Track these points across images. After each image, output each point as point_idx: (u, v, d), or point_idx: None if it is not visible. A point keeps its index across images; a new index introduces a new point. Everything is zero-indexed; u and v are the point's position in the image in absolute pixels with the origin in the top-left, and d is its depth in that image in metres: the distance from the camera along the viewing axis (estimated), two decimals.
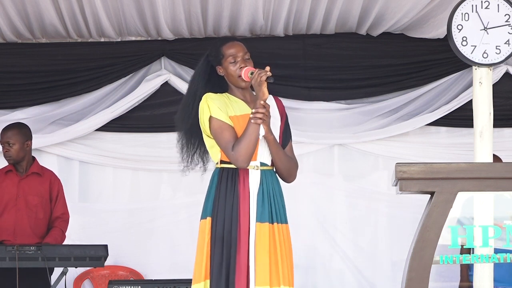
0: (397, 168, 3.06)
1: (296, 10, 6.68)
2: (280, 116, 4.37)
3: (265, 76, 4.15)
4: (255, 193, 4.19)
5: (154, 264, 7.06)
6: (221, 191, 4.23)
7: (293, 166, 4.33)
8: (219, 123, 4.22)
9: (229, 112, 4.24)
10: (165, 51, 7.17)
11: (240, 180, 4.21)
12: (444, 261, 3.06)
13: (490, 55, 5.27)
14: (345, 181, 7.28)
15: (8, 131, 6.21)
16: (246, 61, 4.31)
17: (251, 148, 4.16)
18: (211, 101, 4.23)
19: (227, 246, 4.15)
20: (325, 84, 7.16)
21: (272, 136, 4.22)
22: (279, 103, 4.42)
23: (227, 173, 4.25)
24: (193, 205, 7.15)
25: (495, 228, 3.10)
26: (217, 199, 4.23)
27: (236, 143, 4.17)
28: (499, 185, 3.04)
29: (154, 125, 7.18)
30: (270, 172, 4.26)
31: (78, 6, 6.50)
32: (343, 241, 7.14)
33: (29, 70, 7.13)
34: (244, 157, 4.16)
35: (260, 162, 4.24)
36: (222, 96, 4.30)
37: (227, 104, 4.26)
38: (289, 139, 4.38)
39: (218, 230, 4.17)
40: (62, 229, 6.23)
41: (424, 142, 7.21)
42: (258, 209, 4.17)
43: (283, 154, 4.27)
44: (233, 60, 4.30)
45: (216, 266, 4.14)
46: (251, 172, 4.22)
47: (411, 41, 7.15)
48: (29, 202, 6.17)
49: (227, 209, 4.19)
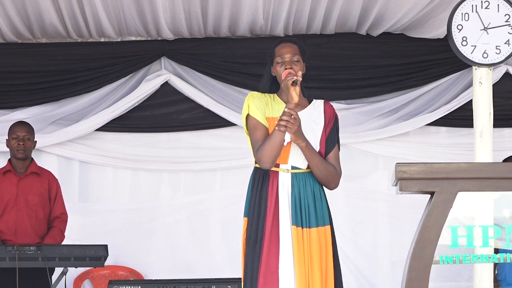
0: (397, 168, 3.06)
1: (296, 10, 6.68)
2: (327, 121, 4.33)
3: (291, 80, 4.14)
4: (285, 196, 4.18)
5: (154, 264, 7.06)
6: (254, 192, 4.25)
7: (332, 173, 4.27)
8: (254, 122, 4.24)
9: (267, 112, 4.25)
10: (165, 51, 7.17)
11: (270, 182, 4.22)
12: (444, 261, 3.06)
13: (490, 55, 5.27)
14: (345, 181, 7.23)
15: (25, 126, 6.28)
16: (294, 63, 4.30)
17: (274, 152, 4.14)
18: (251, 100, 4.27)
19: (253, 247, 4.17)
20: (325, 84, 7.15)
21: (304, 143, 4.17)
22: (329, 109, 4.38)
23: (259, 174, 4.26)
24: (193, 205, 7.18)
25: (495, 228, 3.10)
26: (252, 199, 4.24)
27: (261, 145, 4.17)
28: (499, 185, 3.04)
29: (154, 125, 7.18)
30: (305, 175, 4.23)
31: (78, 6, 6.50)
32: (343, 241, 7.12)
33: (29, 70, 7.13)
34: (267, 159, 4.15)
35: (291, 166, 4.22)
36: (268, 96, 4.32)
37: (268, 104, 4.27)
38: (334, 146, 4.32)
39: (249, 231, 4.21)
40: (61, 229, 6.24)
41: (424, 142, 7.21)
42: (292, 213, 4.15)
43: (319, 161, 4.22)
44: (281, 61, 4.30)
45: (247, 266, 4.18)
46: (281, 175, 4.21)
47: (411, 41, 7.15)
48: (29, 201, 6.18)
49: (256, 210, 4.21)
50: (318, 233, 4.19)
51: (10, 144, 6.25)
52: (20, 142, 6.19)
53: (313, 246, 4.16)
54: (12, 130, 6.26)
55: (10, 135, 6.25)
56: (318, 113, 4.32)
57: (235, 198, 6.80)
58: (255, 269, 4.14)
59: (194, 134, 7.21)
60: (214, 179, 7.20)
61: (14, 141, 6.21)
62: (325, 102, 4.40)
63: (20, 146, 6.18)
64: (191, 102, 7.16)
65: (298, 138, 4.16)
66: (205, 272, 6.66)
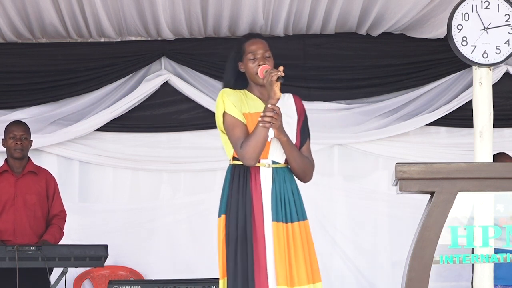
0: (397, 168, 3.06)
1: (296, 10, 6.68)
2: (298, 115, 4.36)
3: (276, 76, 4.14)
4: (267, 191, 4.19)
5: (154, 264, 7.06)
6: (234, 188, 4.23)
7: (308, 166, 4.32)
8: (232, 119, 4.23)
9: (243, 109, 4.24)
10: (165, 51, 7.17)
11: (252, 178, 4.21)
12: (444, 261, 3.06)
13: (490, 55, 5.27)
14: (345, 181, 7.28)
15: (22, 125, 6.27)
16: (266, 59, 4.30)
17: (258, 148, 4.15)
18: (226, 97, 4.25)
19: (242, 244, 4.15)
20: (325, 84, 7.16)
21: (285, 138, 4.20)
22: (298, 102, 4.41)
23: (239, 170, 4.24)
24: (193, 205, 7.17)
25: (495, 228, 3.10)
26: (230, 197, 4.23)
27: (244, 142, 4.17)
28: (499, 185, 3.04)
29: (154, 125, 7.18)
30: (283, 170, 4.25)
31: (78, 6, 6.50)
32: (343, 241, 7.14)
33: (29, 70, 7.13)
34: (251, 156, 4.16)
35: (272, 161, 4.23)
36: (240, 92, 4.31)
37: (242, 100, 4.27)
38: (307, 139, 4.36)
39: (232, 228, 4.18)
40: (60, 226, 6.24)
41: (424, 142, 7.21)
42: (272, 208, 4.16)
43: (298, 154, 4.26)
44: (253, 57, 4.30)
45: (231, 264, 4.15)
46: (263, 170, 4.22)
47: (411, 41, 7.15)
48: (27, 201, 6.17)
49: (240, 207, 4.19)
50: (300, 227, 4.21)
51: (7, 144, 6.22)
52: (18, 142, 6.18)
53: (297, 239, 4.18)
54: (8, 129, 6.24)
55: (6, 134, 6.23)
56: (289, 107, 4.34)
57: None
58: (249, 268, 4.13)
59: (194, 134, 7.20)
60: (214, 179, 7.19)
61: (11, 141, 6.20)
62: (293, 95, 4.40)
63: (18, 145, 6.17)
64: (191, 102, 7.16)
65: (280, 133, 4.18)
66: (205, 272, 6.65)
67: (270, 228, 4.15)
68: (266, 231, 4.15)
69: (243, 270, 4.13)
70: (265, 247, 4.13)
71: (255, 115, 4.21)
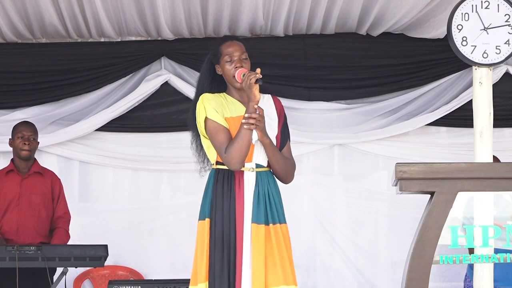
0: (397, 168, 3.06)
1: (296, 10, 6.68)
2: (278, 116, 4.34)
3: (254, 78, 4.12)
4: (250, 194, 4.18)
5: (154, 264, 7.06)
6: (218, 192, 4.21)
7: (290, 167, 4.31)
8: (214, 125, 4.21)
9: (225, 113, 4.22)
10: (165, 51, 7.17)
11: (236, 182, 4.20)
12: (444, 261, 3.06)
13: (490, 55, 5.27)
14: (345, 181, 7.28)
15: (31, 126, 6.29)
16: (242, 61, 4.29)
17: (243, 151, 4.14)
18: (207, 102, 4.22)
19: (227, 248, 4.14)
20: (325, 84, 7.16)
21: (268, 140, 4.19)
22: (278, 103, 4.39)
23: (223, 174, 4.23)
24: (193, 205, 7.11)
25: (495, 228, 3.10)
26: (214, 201, 4.21)
27: (228, 146, 4.15)
28: (499, 185, 3.04)
29: (154, 125, 7.18)
30: (266, 173, 4.25)
31: (78, 6, 6.50)
32: (343, 241, 7.14)
33: (29, 70, 7.13)
34: (237, 160, 4.14)
35: (255, 164, 4.23)
36: (219, 96, 4.28)
37: (223, 104, 4.24)
38: (287, 140, 4.36)
39: (217, 232, 4.16)
40: (66, 229, 6.24)
41: (424, 142, 7.21)
42: (254, 211, 4.15)
43: (280, 156, 4.25)
44: (229, 59, 4.28)
45: (218, 268, 4.13)
46: (246, 174, 4.20)
47: (411, 41, 7.15)
48: (32, 201, 6.18)
49: (224, 210, 4.18)
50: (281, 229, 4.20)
51: (15, 144, 6.23)
52: (26, 142, 6.18)
53: (286, 241, 4.18)
54: (17, 129, 6.25)
55: (15, 134, 6.23)
56: (269, 108, 4.32)
57: None
58: (231, 272, 4.11)
59: None
60: None
61: (19, 140, 6.20)
62: (273, 96, 4.38)
63: (25, 145, 6.18)
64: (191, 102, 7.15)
65: (264, 135, 4.17)
66: None
67: (249, 230, 4.14)
68: (245, 234, 4.14)
69: (227, 275, 4.12)
70: (243, 250, 4.12)
71: (237, 119, 4.19)
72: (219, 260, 4.14)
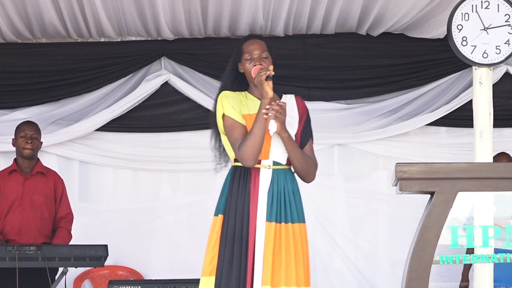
0: (397, 168, 3.06)
1: (296, 10, 6.68)
2: (300, 115, 4.35)
3: (264, 75, 4.14)
4: (265, 192, 4.18)
5: (154, 264, 7.06)
6: (234, 189, 4.23)
7: (310, 165, 4.30)
8: (231, 121, 4.23)
9: (242, 110, 4.24)
10: (165, 51, 7.17)
11: (252, 179, 4.21)
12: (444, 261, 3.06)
13: (490, 55, 5.27)
14: (345, 181, 7.28)
15: (34, 125, 6.28)
16: (262, 60, 4.30)
17: (256, 148, 4.14)
18: (225, 99, 4.25)
19: (238, 244, 4.15)
20: (325, 84, 7.16)
21: (287, 134, 4.20)
22: (300, 102, 4.40)
23: (240, 172, 4.24)
24: (193, 205, 7.17)
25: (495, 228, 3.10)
26: (229, 197, 4.22)
27: (241, 143, 4.17)
28: (499, 185, 3.04)
29: (154, 125, 7.18)
30: (284, 171, 4.24)
31: (78, 6, 6.50)
32: (343, 241, 7.14)
33: (29, 70, 7.13)
34: (250, 157, 4.15)
35: (272, 161, 4.23)
36: (240, 94, 4.31)
37: (242, 102, 4.26)
38: (309, 139, 4.35)
39: (229, 229, 4.18)
40: (68, 230, 6.24)
41: (424, 142, 7.21)
42: (267, 209, 4.15)
43: (300, 152, 4.25)
44: (249, 57, 4.30)
45: (226, 264, 4.14)
46: (263, 171, 4.21)
47: (411, 41, 7.15)
48: (35, 201, 6.17)
49: (238, 207, 4.19)
50: (300, 229, 4.21)
51: (17, 143, 6.23)
52: (28, 141, 6.18)
53: (297, 240, 4.18)
54: (20, 128, 6.25)
55: (17, 133, 6.24)
56: (290, 107, 4.33)
57: None
58: (242, 269, 4.12)
59: (194, 134, 7.20)
60: (214, 179, 7.18)
61: (21, 139, 6.20)
62: (296, 96, 4.39)
63: (28, 144, 6.18)
64: (191, 102, 7.15)
65: (283, 128, 4.17)
66: None
67: (263, 228, 4.14)
68: (258, 232, 4.14)
69: (237, 271, 4.13)
70: (255, 247, 4.12)
71: (254, 116, 4.21)
72: (229, 257, 4.15)
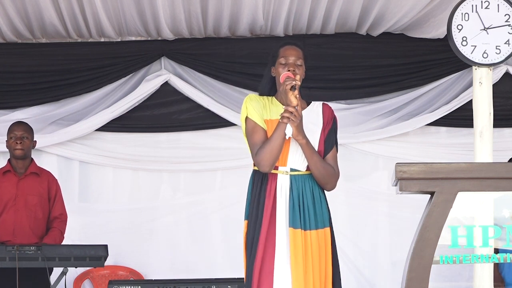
0: (397, 168, 3.05)
1: (296, 10, 6.68)
2: (325, 123, 4.32)
3: (290, 85, 4.12)
4: (283, 198, 4.16)
5: (154, 264, 7.06)
6: (254, 195, 4.23)
7: (330, 173, 4.26)
8: (252, 124, 4.22)
9: (265, 115, 4.23)
10: (165, 51, 7.17)
11: (268, 185, 4.20)
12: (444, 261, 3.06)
13: (490, 55, 5.27)
14: (345, 181, 7.26)
15: (23, 125, 6.28)
16: (296, 67, 4.28)
17: (274, 155, 4.12)
18: (249, 102, 4.24)
19: (250, 249, 4.16)
20: (325, 84, 7.15)
21: (305, 140, 4.16)
22: (327, 110, 4.37)
23: (258, 177, 4.24)
24: (193, 205, 7.17)
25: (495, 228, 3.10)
26: (251, 203, 4.23)
27: (260, 148, 4.15)
28: (499, 185, 3.04)
29: (154, 125, 7.18)
30: (303, 177, 4.22)
31: (78, 6, 6.50)
32: (343, 241, 7.13)
33: (29, 70, 7.13)
34: (266, 163, 4.14)
35: (290, 168, 4.21)
36: (266, 98, 4.30)
37: (266, 106, 4.25)
38: (333, 147, 4.31)
39: (249, 234, 4.20)
40: (61, 230, 6.24)
41: (424, 142, 7.21)
42: (289, 214, 4.13)
43: (319, 160, 4.21)
44: (284, 62, 4.28)
45: (247, 269, 4.17)
46: (280, 177, 4.19)
47: (411, 41, 7.15)
48: (29, 202, 6.17)
49: (254, 213, 4.20)
50: (318, 235, 4.18)
51: (8, 144, 6.25)
52: (18, 141, 6.19)
53: (314, 248, 4.15)
54: (9, 129, 6.27)
55: (8, 135, 6.26)
56: (316, 115, 4.32)
57: (235, 198, 6.80)
58: (248, 271, 4.14)
59: (194, 134, 7.20)
60: (214, 179, 7.20)
61: (12, 140, 6.21)
62: (323, 103, 4.38)
63: (18, 145, 6.18)
64: (191, 102, 7.16)
65: (299, 133, 4.14)
66: (205, 272, 6.65)
67: (285, 234, 4.12)
68: (278, 237, 4.13)
69: (249, 275, 4.14)
70: (274, 253, 4.12)
71: (275, 122, 4.19)
72: (249, 262, 4.17)
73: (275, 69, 4.31)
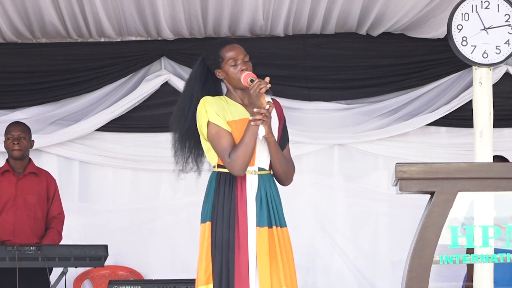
0: (397, 168, 3.05)
1: (296, 10, 6.68)
2: (279, 118, 4.32)
3: (264, 88, 4.11)
4: (253, 197, 4.16)
5: (154, 264, 7.06)
6: (219, 195, 4.19)
7: (291, 169, 4.29)
8: (217, 129, 4.17)
9: (226, 116, 4.19)
10: (165, 51, 7.17)
11: (238, 185, 4.18)
12: (444, 261, 3.06)
13: (490, 55, 5.27)
14: (345, 181, 7.28)
15: (20, 125, 6.28)
16: (246, 63, 4.28)
17: (248, 156, 4.11)
18: (209, 105, 4.19)
19: (225, 251, 4.13)
20: (325, 84, 7.16)
21: (273, 137, 4.17)
22: (278, 105, 4.36)
23: (225, 178, 4.21)
24: (193, 205, 7.13)
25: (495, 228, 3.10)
26: (216, 204, 4.19)
27: (232, 151, 4.12)
28: (499, 185, 3.04)
29: (154, 125, 7.18)
30: (267, 176, 4.23)
31: (78, 6, 6.50)
32: (343, 241, 7.14)
33: (29, 70, 7.13)
34: (241, 166, 4.12)
35: (258, 167, 4.22)
36: (220, 99, 4.26)
37: (224, 108, 4.22)
38: (287, 142, 4.34)
39: (217, 235, 4.14)
40: (59, 230, 6.24)
41: (424, 142, 7.21)
42: (257, 214, 4.14)
43: (283, 156, 4.24)
44: (234, 63, 4.26)
45: (217, 271, 4.13)
46: (249, 177, 4.18)
47: (411, 41, 7.15)
48: (28, 201, 6.17)
49: (225, 214, 4.16)
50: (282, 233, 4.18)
51: (6, 144, 6.25)
52: (15, 142, 6.18)
53: (287, 244, 4.17)
54: (7, 130, 6.26)
55: (5, 135, 6.25)
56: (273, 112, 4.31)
57: None
58: (230, 275, 4.11)
59: None
60: None
61: (9, 141, 6.21)
62: (273, 99, 4.36)
63: (15, 145, 6.18)
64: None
65: (270, 132, 4.15)
66: None
67: (254, 233, 4.13)
68: (249, 237, 4.13)
69: (226, 277, 4.12)
70: (248, 254, 4.12)
71: (239, 122, 4.17)
72: (219, 264, 4.13)
73: (224, 71, 4.28)
